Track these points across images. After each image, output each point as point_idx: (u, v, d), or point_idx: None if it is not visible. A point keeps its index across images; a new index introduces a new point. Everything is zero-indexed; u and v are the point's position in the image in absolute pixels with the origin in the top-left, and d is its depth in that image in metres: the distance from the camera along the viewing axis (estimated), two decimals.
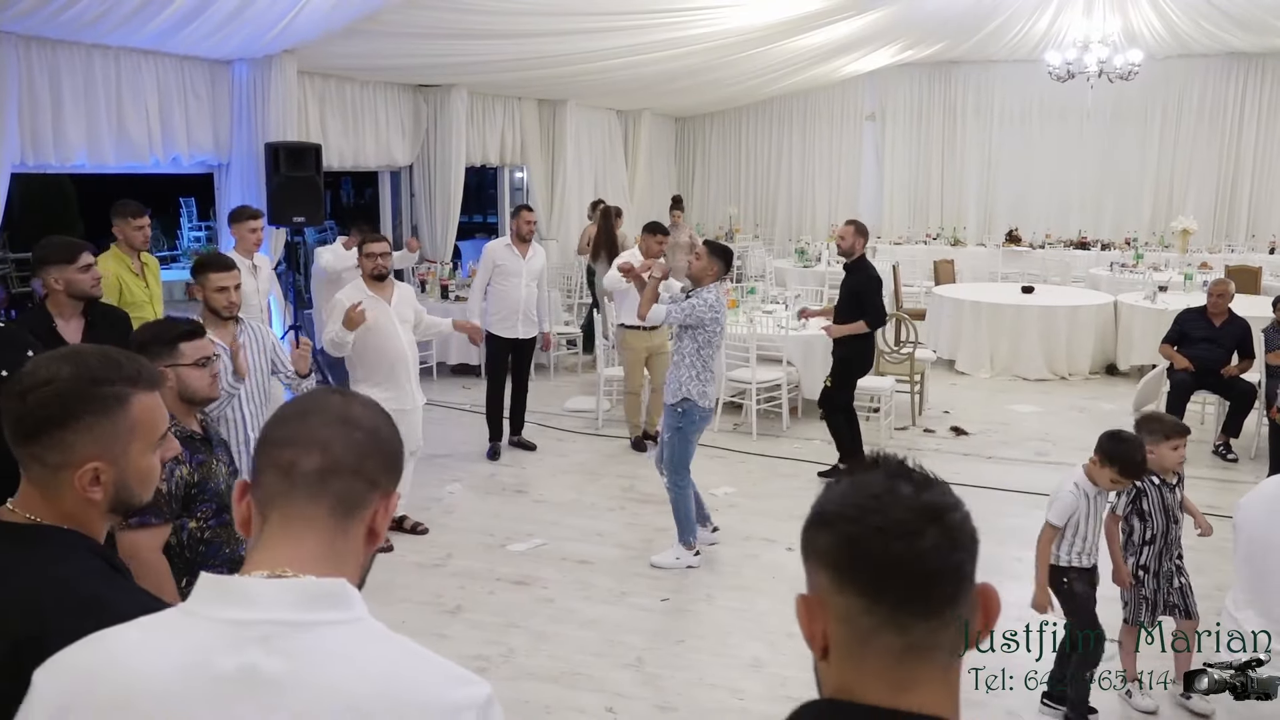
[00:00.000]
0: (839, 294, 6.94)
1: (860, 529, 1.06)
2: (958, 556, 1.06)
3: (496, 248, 7.32)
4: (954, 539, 1.07)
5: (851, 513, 1.07)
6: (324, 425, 1.22)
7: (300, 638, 1.10)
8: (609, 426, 8.09)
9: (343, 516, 1.21)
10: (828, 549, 1.08)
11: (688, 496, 5.44)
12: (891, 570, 1.05)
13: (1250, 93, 14.47)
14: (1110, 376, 10.18)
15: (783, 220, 16.70)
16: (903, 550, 1.04)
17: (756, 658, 4.51)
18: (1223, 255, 13.18)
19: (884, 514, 1.06)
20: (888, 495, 1.07)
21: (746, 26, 10.01)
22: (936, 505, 1.07)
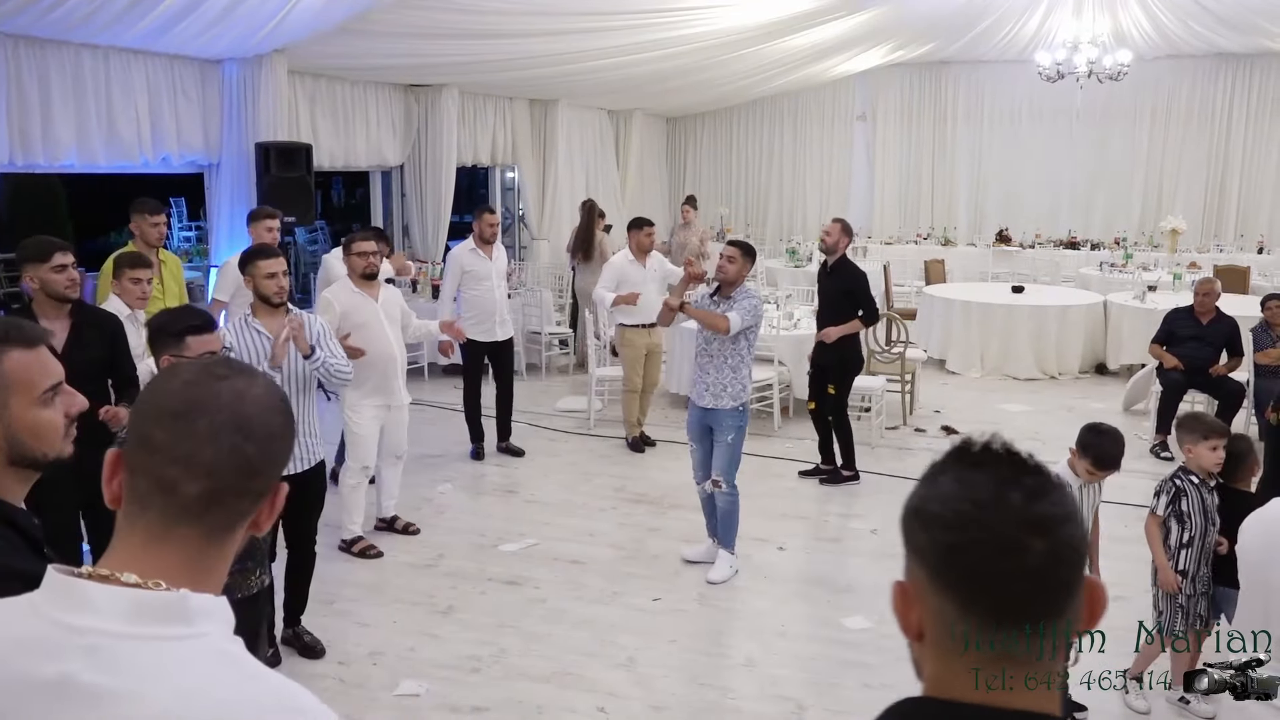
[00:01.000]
0: (823, 294, 6.92)
1: (961, 538, 1.00)
2: (1063, 573, 1.01)
3: (462, 253, 7.22)
4: (1060, 555, 1.00)
5: (953, 519, 1.01)
6: (212, 437, 1.11)
7: (128, 651, 1.04)
8: (601, 427, 8.09)
9: (221, 532, 1.15)
10: (925, 548, 1.04)
11: (698, 491, 5.46)
12: (989, 585, 1.00)
13: (1239, 93, 14.55)
14: (1100, 376, 10.22)
15: (774, 220, 16.72)
16: (1005, 567, 0.99)
17: (749, 657, 4.51)
18: (1211, 255, 13.25)
19: (988, 526, 0.99)
20: (996, 504, 1.00)
21: (737, 27, 10.02)
22: (1046, 518, 1.00)
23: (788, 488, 6.83)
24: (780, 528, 6.12)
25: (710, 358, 5.26)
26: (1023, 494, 1.00)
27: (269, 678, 1.09)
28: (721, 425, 5.25)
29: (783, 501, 6.59)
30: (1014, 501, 1.00)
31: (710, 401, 5.24)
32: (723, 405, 5.22)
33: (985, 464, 1.04)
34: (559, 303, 11.19)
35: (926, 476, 1.08)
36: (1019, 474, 1.02)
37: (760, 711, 4.07)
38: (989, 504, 1.00)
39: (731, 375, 5.23)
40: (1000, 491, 1.00)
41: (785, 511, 6.43)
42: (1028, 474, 1.02)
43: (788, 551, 5.73)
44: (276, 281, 4.28)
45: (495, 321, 7.22)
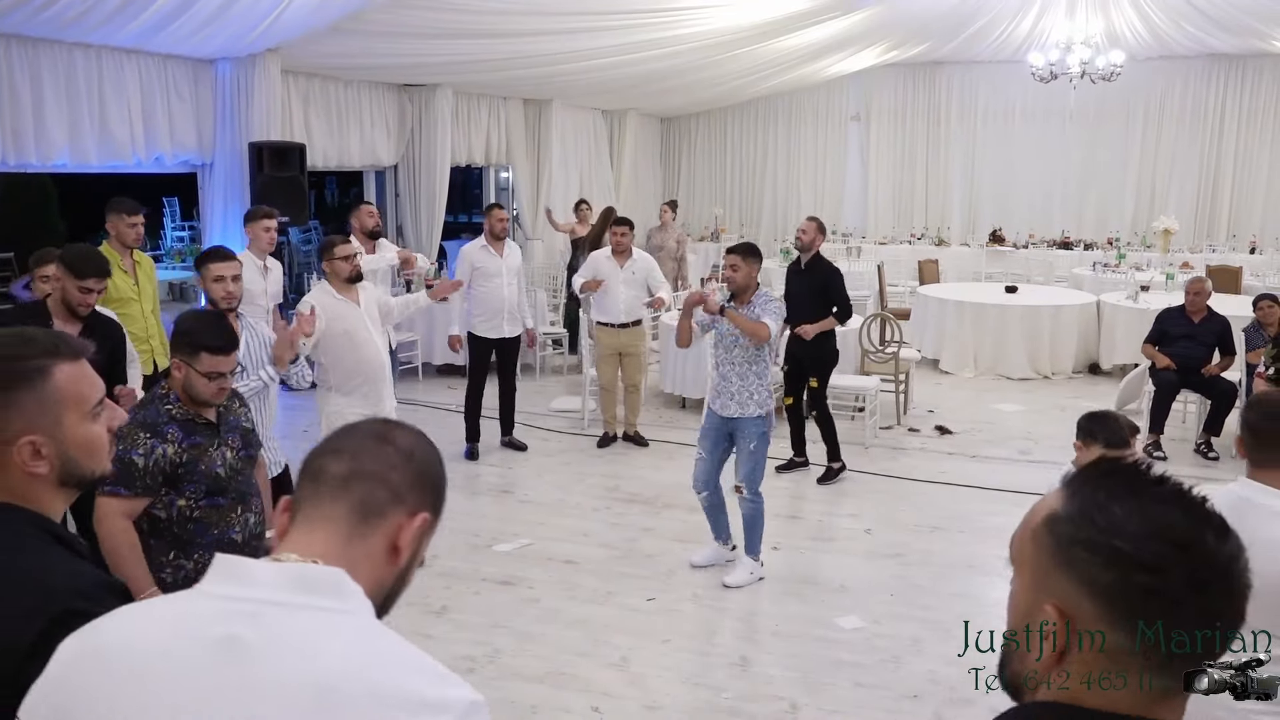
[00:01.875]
0: (797, 292, 6.94)
1: (1163, 582, 0.98)
2: (1241, 609, 1.02)
3: (472, 250, 7.26)
4: (1241, 592, 1.01)
5: (1152, 561, 0.99)
6: (360, 439, 1.29)
7: (287, 617, 1.13)
8: (595, 426, 8.09)
9: (360, 521, 1.24)
10: (1109, 585, 1.00)
11: (699, 499, 5.40)
12: (1193, 627, 0.99)
13: (1231, 94, 14.60)
14: (1093, 376, 10.25)
15: (768, 221, 16.73)
16: (1203, 610, 0.99)
17: (744, 657, 4.52)
18: (1204, 255, 13.29)
19: (1191, 571, 0.98)
20: (1195, 548, 0.99)
21: (731, 27, 10.03)
22: (1234, 558, 1.00)
23: (782, 487, 6.83)
24: (774, 527, 6.11)
25: (733, 365, 5.17)
26: (1214, 534, 1.00)
27: (421, 654, 1.18)
28: (745, 433, 5.16)
29: (777, 501, 6.58)
30: (1209, 543, 0.99)
31: (735, 410, 5.15)
32: (748, 413, 5.13)
33: (1168, 500, 1.02)
34: (553, 303, 11.19)
35: (1090, 500, 1.04)
36: (1205, 512, 1.01)
37: (753, 711, 4.07)
38: (1190, 546, 0.99)
39: (757, 382, 5.16)
40: (1197, 532, 0.99)
41: (779, 511, 6.43)
42: (1211, 513, 1.01)
43: (782, 551, 5.74)
44: (224, 286, 4.16)
45: (504, 318, 7.24)
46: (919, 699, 4.16)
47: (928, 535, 5.96)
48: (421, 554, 1.34)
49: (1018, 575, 1.11)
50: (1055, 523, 1.05)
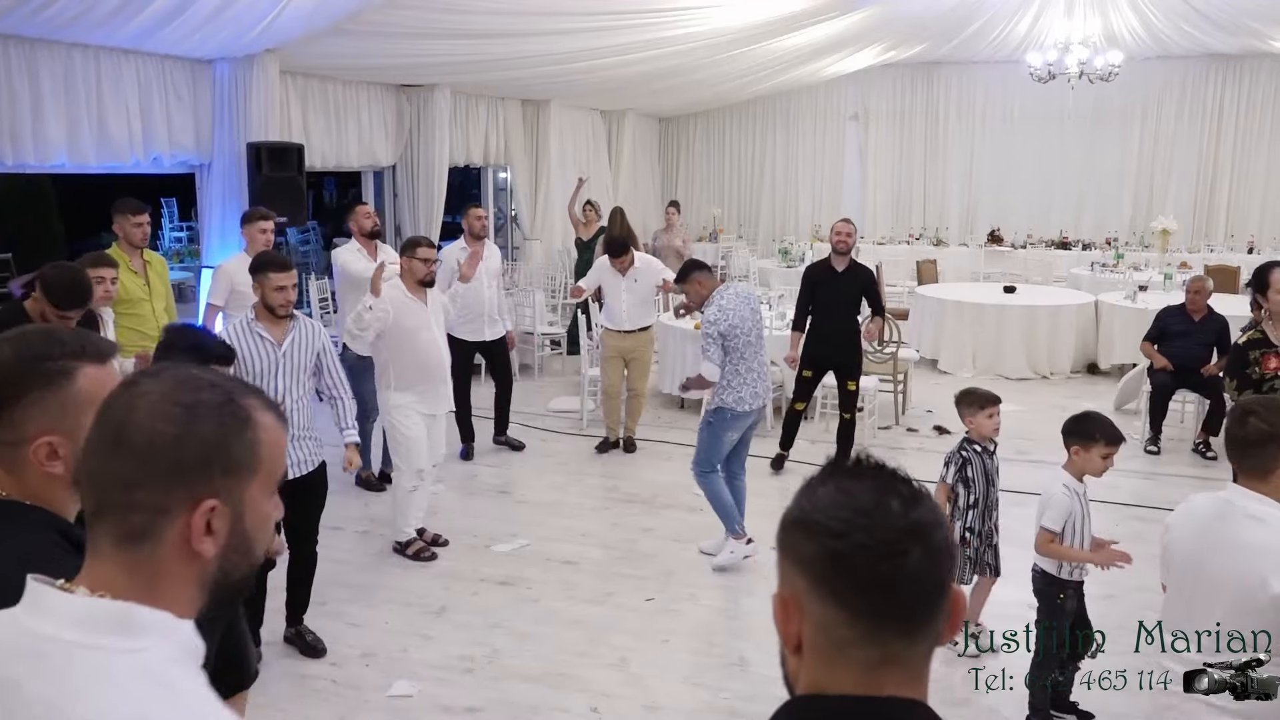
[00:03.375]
0: (832, 296, 6.88)
1: (846, 545, 1.04)
2: (939, 575, 1.06)
3: (454, 251, 7.22)
4: (937, 559, 1.06)
5: (837, 526, 1.05)
6: (97, 448, 1.12)
7: (71, 660, 1.04)
8: (593, 427, 8.09)
9: (132, 548, 1.10)
10: (809, 558, 1.06)
11: (717, 489, 5.45)
12: (875, 589, 1.04)
13: (1229, 94, 14.61)
14: (1091, 375, 10.25)
15: (766, 221, 16.73)
16: (888, 570, 1.03)
17: (742, 657, 4.52)
18: (1202, 255, 13.30)
19: (870, 532, 1.04)
20: (876, 512, 1.05)
21: (730, 27, 10.03)
22: (923, 524, 1.05)
23: (778, 486, 6.84)
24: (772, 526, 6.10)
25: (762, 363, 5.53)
26: (900, 502, 1.05)
27: (197, 707, 1.05)
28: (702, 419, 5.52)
29: (774, 500, 6.58)
30: (893, 508, 1.05)
31: (707, 401, 5.51)
32: (705, 405, 5.50)
33: (863, 475, 1.09)
34: (551, 303, 11.19)
35: (804, 489, 1.12)
36: (895, 485, 1.07)
37: (753, 711, 4.07)
38: (871, 510, 1.05)
39: (724, 380, 5.35)
40: (880, 499, 1.05)
41: (777, 510, 6.38)
42: (901, 483, 1.08)
43: None
44: (285, 295, 4.30)
45: (484, 321, 7.19)
46: None
47: None
48: (254, 519, 1.16)
49: None
50: (783, 518, 1.12)
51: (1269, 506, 2.45)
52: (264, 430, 1.16)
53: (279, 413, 1.22)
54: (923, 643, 1.07)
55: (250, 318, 4.36)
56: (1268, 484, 2.48)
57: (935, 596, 1.06)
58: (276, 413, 1.21)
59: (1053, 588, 3.86)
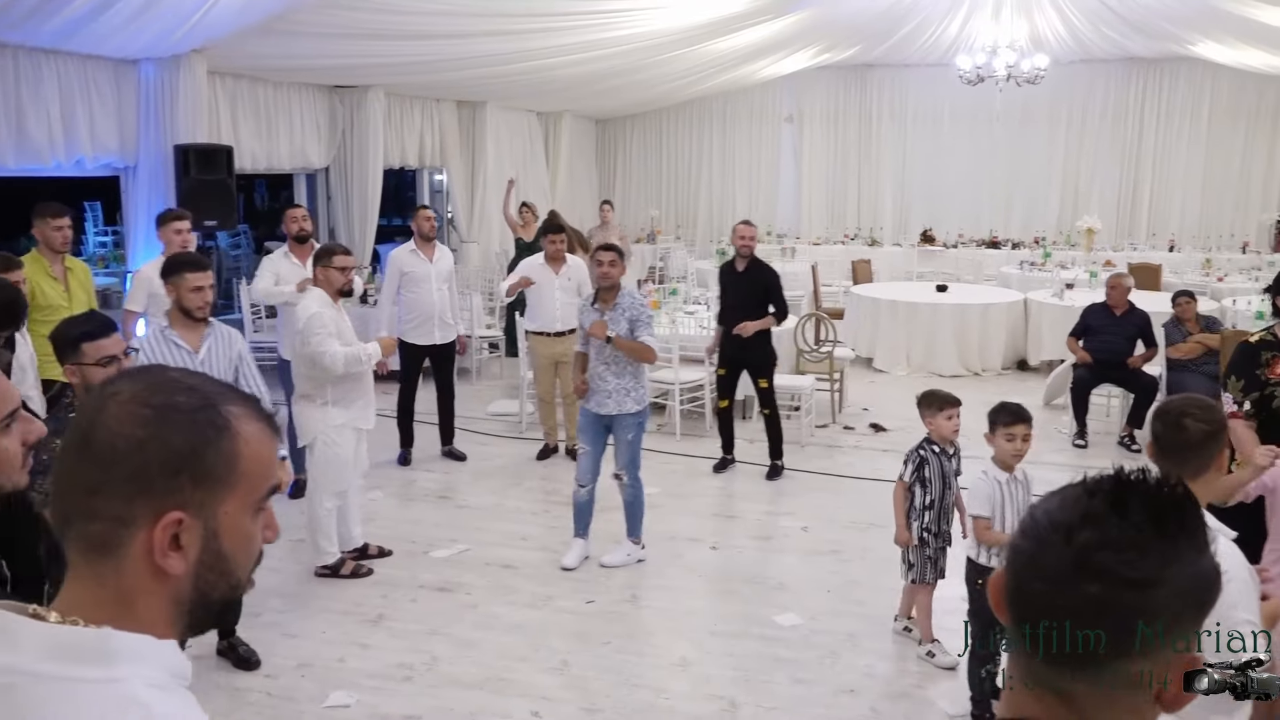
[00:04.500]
0: (735, 295, 6.96)
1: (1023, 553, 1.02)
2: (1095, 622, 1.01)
3: (401, 254, 7.15)
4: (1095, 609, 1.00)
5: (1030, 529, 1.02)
6: (66, 452, 1.05)
7: (40, 694, 0.98)
8: (532, 430, 8.06)
9: (96, 560, 1.02)
10: None
11: (574, 494, 5.54)
12: (1023, 602, 1.02)
13: (1149, 97, 15.08)
14: (1021, 371, 10.48)
15: (704, 221, 16.84)
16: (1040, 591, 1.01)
17: (683, 657, 4.53)
18: (1125, 253, 13.68)
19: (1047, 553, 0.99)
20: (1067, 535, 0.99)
21: (666, 29, 10.08)
22: (1105, 570, 0.98)
23: (717, 487, 6.88)
24: (712, 527, 6.17)
25: (607, 365, 5.35)
26: (1098, 535, 0.96)
27: None
28: (624, 426, 5.42)
29: (713, 500, 6.64)
30: (1082, 539, 0.96)
31: (614, 408, 5.37)
32: (625, 410, 5.37)
33: (1095, 492, 1.00)
34: (489, 305, 11.13)
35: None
36: (1112, 515, 0.97)
37: (693, 711, 4.09)
38: (1061, 528, 0.98)
39: (633, 380, 5.39)
40: (1078, 524, 0.97)
41: (717, 511, 6.48)
42: (1124, 519, 0.96)
43: (720, 550, 5.77)
44: (203, 295, 4.16)
45: (434, 324, 7.11)
46: (855, 694, 4.21)
47: (864, 532, 6.04)
48: (233, 539, 1.07)
49: None
50: None
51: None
52: (246, 441, 1.06)
53: (270, 423, 1.11)
54: None
55: (164, 325, 4.24)
56: (1199, 481, 2.50)
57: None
58: (266, 423, 1.11)
59: (978, 573, 3.95)
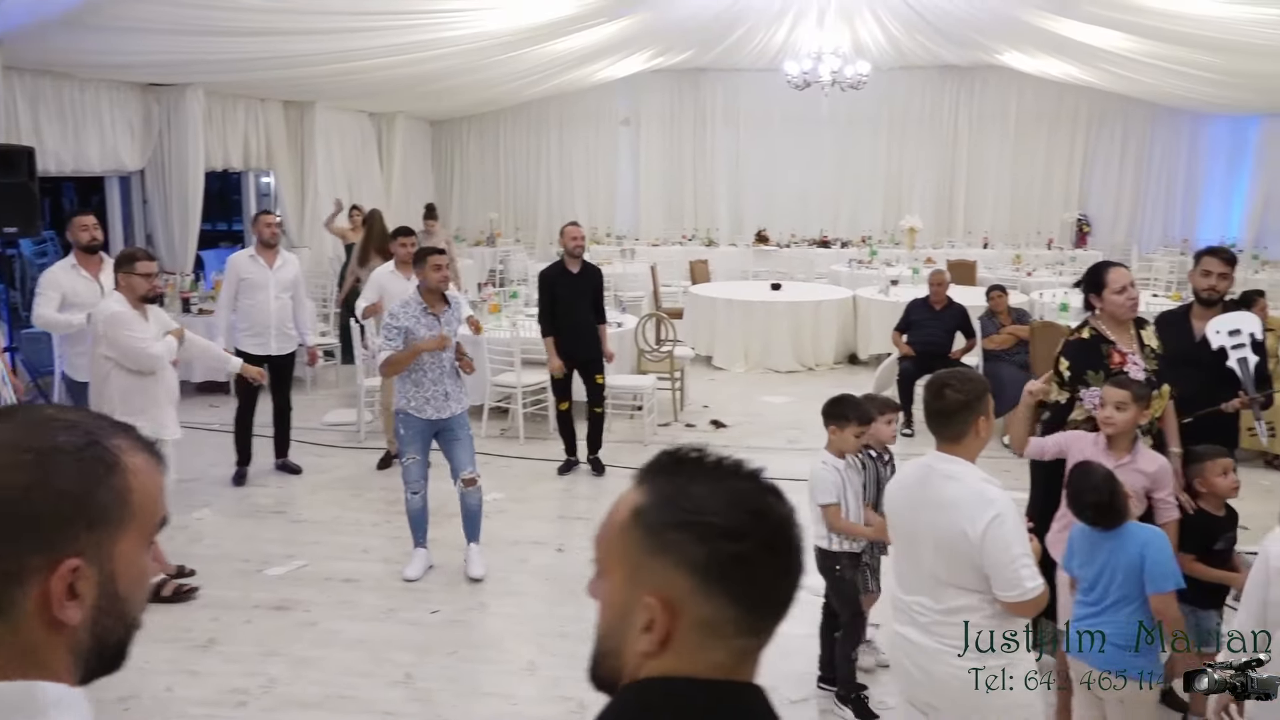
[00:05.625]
0: (571, 295, 7.00)
1: (748, 547, 1.05)
2: (799, 560, 1.12)
3: (240, 260, 6.86)
4: (800, 548, 1.11)
5: (736, 528, 1.06)
6: None
7: None
8: (372, 439, 7.86)
9: None
10: (703, 560, 1.05)
11: (410, 503, 5.42)
12: (774, 585, 1.08)
13: (963, 103, 16.00)
14: (852, 365, 10.92)
15: (544, 224, 16.81)
16: (785, 566, 1.09)
17: (531, 662, 4.51)
18: (945, 251, 14.44)
19: (766, 534, 1.07)
20: (766, 512, 1.08)
21: (498, 31, 9.99)
22: (789, 518, 1.11)
23: (560, 489, 6.88)
24: (557, 529, 6.17)
25: (444, 370, 5.32)
26: (776, 498, 1.10)
27: None
28: (462, 424, 5.41)
29: (559, 503, 6.64)
30: (775, 508, 1.09)
31: (456, 408, 5.34)
32: (462, 409, 5.40)
33: (733, 474, 1.10)
34: (323, 312, 10.77)
35: (674, 488, 1.09)
36: (764, 480, 1.11)
37: (542, 714, 4.08)
38: (762, 512, 1.08)
39: (464, 379, 5.44)
40: (766, 499, 1.09)
41: (562, 513, 6.48)
42: (763, 477, 1.11)
43: (566, 552, 5.77)
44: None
45: (272, 334, 6.80)
46: None
47: None
48: (128, 578, 1.02)
49: (607, 576, 1.13)
50: (643, 514, 1.10)
51: (959, 465, 2.78)
52: (134, 475, 1.01)
53: (153, 451, 1.06)
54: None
55: None
56: (960, 446, 2.80)
57: (798, 584, 1.12)
58: (150, 452, 1.05)
59: (828, 560, 4.04)
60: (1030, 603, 2.67)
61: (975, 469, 2.78)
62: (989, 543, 2.64)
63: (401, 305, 5.32)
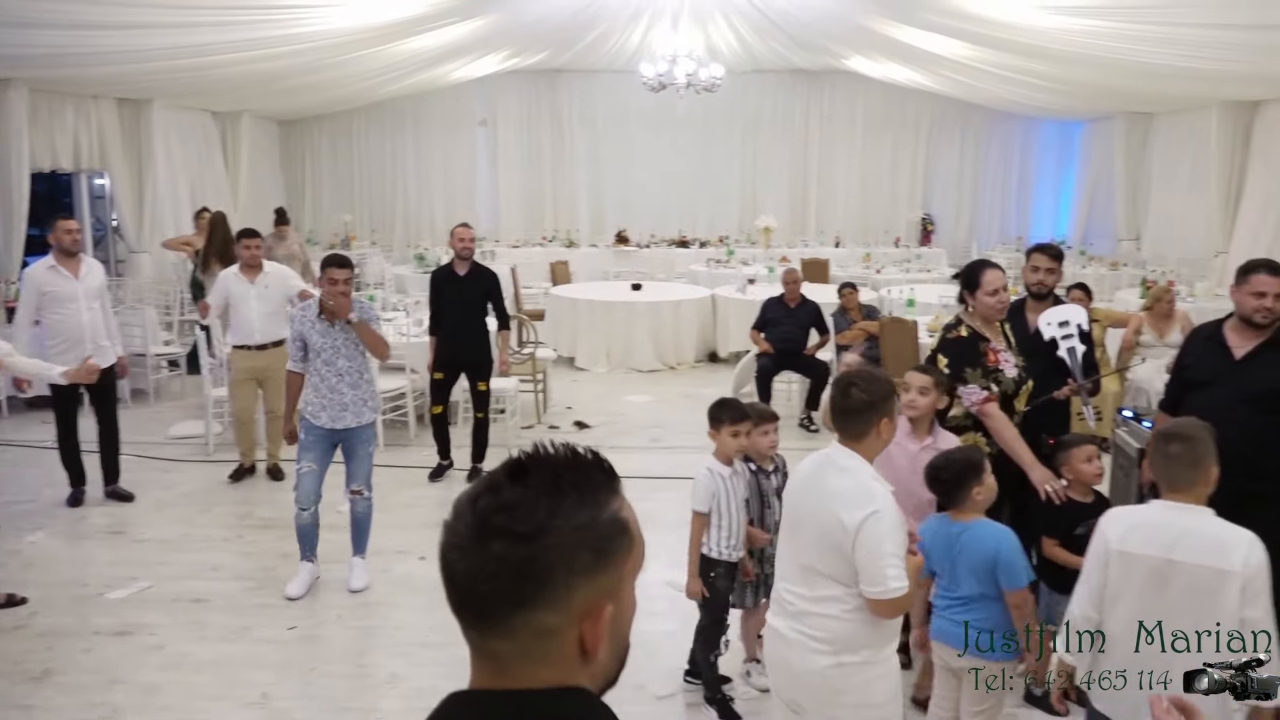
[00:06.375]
0: (459, 299, 6.90)
1: (445, 529, 1.07)
2: (495, 585, 1.03)
3: (38, 272, 6.29)
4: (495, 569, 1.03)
5: (451, 510, 1.07)
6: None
7: None
8: (222, 451, 7.53)
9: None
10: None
11: (297, 518, 5.21)
12: (447, 576, 1.06)
13: (813, 106, 16.50)
14: (712, 363, 11.11)
15: (401, 226, 16.49)
16: (452, 562, 1.06)
17: (393, 674, 4.41)
18: (799, 250, 14.85)
19: (456, 522, 1.07)
20: (469, 504, 1.07)
21: (348, 28, 9.72)
22: (501, 530, 1.03)
23: (432, 495, 6.76)
24: (421, 537, 6.04)
25: (341, 377, 5.11)
26: (493, 500, 1.03)
27: None
28: (362, 439, 5.23)
29: (422, 511, 6.51)
30: (481, 505, 1.04)
31: (352, 420, 5.14)
32: (364, 421, 5.20)
33: (503, 467, 1.07)
34: (165, 320, 10.28)
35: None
36: (507, 481, 1.04)
37: None
38: (469, 498, 1.06)
39: (369, 389, 5.23)
40: (482, 491, 1.05)
41: (426, 521, 6.35)
42: (516, 483, 1.04)
43: (430, 560, 5.63)
44: None
45: (87, 348, 6.28)
46: None
47: None
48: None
49: None
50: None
51: (855, 460, 2.82)
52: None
53: None
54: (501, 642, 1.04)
55: None
56: (861, 444, 2.84)
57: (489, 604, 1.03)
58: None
59: (705, 566, 4.00)
60: (891, 602, 2.69)
61: (868, 467, 2.83)
62: (863, 536, 2.67)
63: (300, 309, 5.21)
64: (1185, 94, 11.73)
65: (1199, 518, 2.70)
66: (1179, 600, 2.64)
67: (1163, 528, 2.71)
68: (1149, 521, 2.76)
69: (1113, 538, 2.79)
